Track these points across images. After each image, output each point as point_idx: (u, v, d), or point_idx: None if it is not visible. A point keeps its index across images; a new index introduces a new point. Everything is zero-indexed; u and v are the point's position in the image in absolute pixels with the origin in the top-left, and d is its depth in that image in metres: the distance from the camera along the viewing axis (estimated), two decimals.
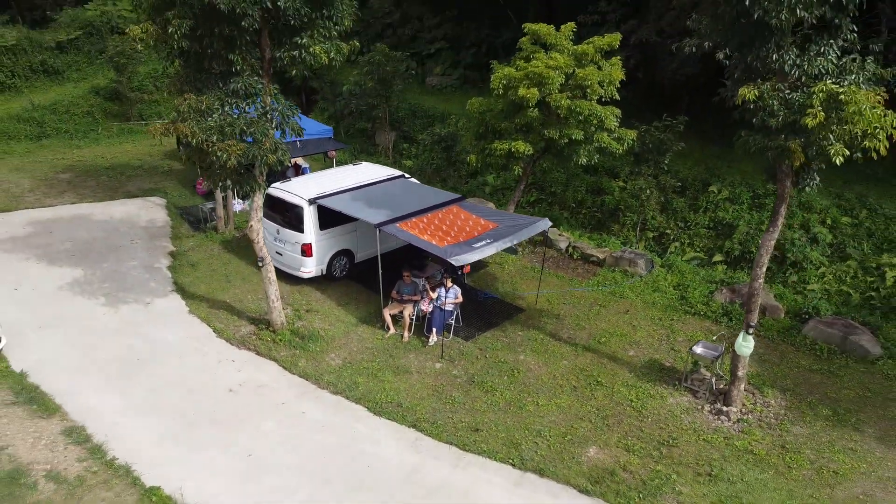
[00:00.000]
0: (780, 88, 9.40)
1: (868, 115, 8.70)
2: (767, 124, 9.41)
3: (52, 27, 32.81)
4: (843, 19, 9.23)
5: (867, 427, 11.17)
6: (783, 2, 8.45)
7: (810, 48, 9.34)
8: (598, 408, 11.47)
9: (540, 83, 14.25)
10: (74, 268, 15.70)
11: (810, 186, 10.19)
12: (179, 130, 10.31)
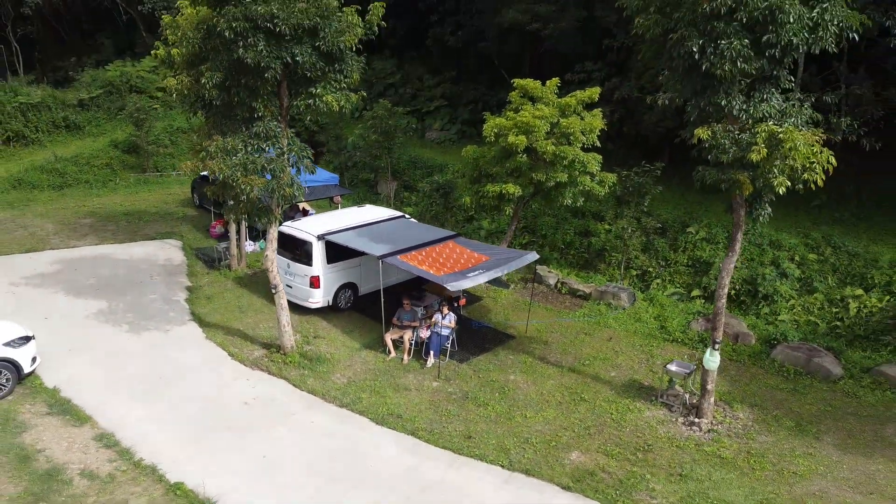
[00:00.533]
0: (731, 129, 10.89)
1: (803, 151, 10.15)
2: (720, 160, 10.87)
3: (74, 86, 35.02)
4: (781, 71, 10.81)
5: (826, 436, 12.24)
6: (725, 56, 10.00)
7: (755, 95, 10.89)
8: (580, 419, 12.55)
9: (527, 131, 15.84)
10: (99, 300, 16.96)
11: (762, 216, 11.58)
12: (209, 167, 11.75)
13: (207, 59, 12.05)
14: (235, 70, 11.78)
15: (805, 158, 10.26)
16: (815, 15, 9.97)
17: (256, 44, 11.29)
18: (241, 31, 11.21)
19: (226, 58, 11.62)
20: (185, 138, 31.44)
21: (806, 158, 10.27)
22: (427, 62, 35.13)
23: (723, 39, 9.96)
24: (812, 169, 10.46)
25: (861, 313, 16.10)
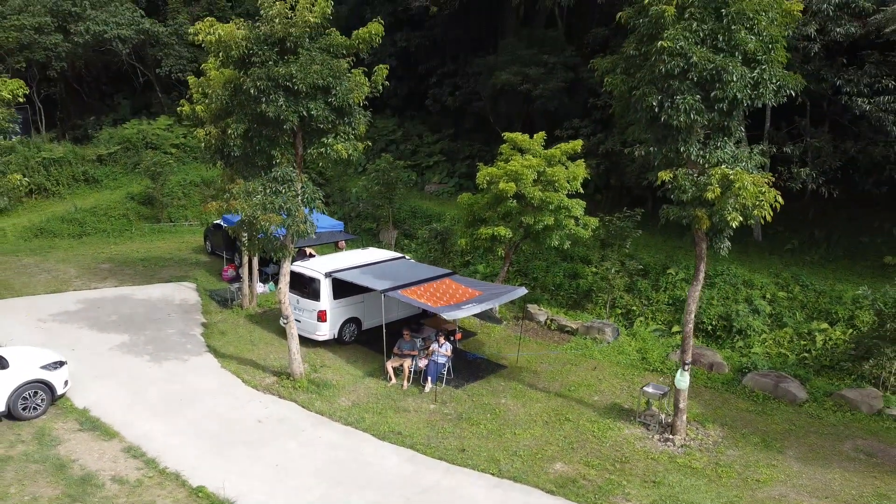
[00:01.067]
0: (690, 173, 12.50)
1: (751, 190, 11.72)
2: (681, 199, 12.43)
3: (93, 143, 37.06)
4: (732, 122, 12.50)
5: (789, 451, 13.43)
6: (680, 109, 11.69)
7: (710, 143, 12.54)
8: (565, 436, 13.74)
9: (516, 179, 17.50)
10: (121, 334, 18.29)
11: (722, 249, 13.07)
12: (232, 206, 13.32)
13: (233, 113, 13.77)
14: (257, 122, 13.50)
15: (753, 197, 11.81)
16: (755, 74, 11.70)
17: (277, 99, 13.03)
18: (264, 89, 12.97)
19: (250, 111, 13.35)
20: (197, 191, 33.31)
21: (754, 197, 11.82)
22: (426, 121, 37.28)
23: (678, 95, 11.66)
24: (761, 206, 11.99)
25: (827, 345, 17.41)
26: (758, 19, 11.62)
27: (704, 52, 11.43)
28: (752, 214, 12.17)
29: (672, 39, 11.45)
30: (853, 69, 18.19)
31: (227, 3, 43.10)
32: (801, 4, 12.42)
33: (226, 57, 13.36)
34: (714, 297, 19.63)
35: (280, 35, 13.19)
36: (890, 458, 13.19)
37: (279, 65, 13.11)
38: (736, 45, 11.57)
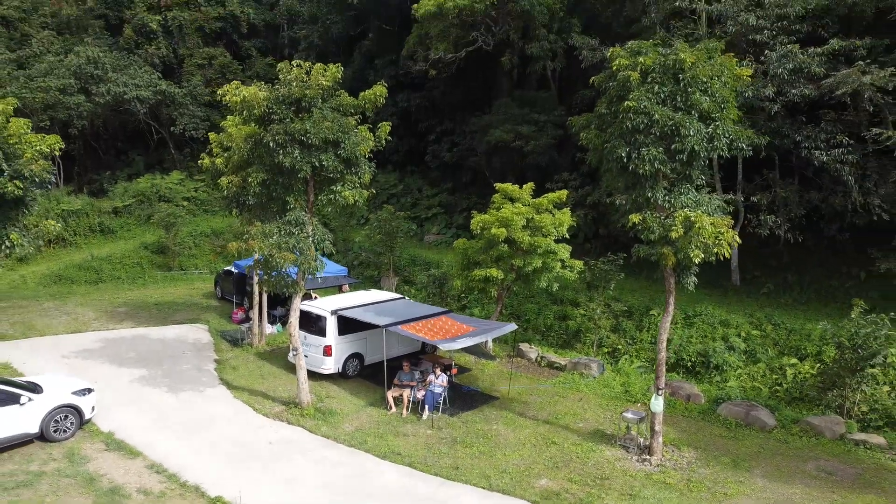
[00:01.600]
0: (657, 216, 14.13)
1: (709, 230, 13.32)
2: (650, 239, 14.03)
3: (108, 196, 39.04)
4: (693, 171, 14.20)
5: (756, 470, 14.63)
6: (645, 160, 13.40)
7: (674, 190, 14.22)
8: (550, 457, 14.97)
9: (507, 224, 19.17)
10: (140, 368, 19.64)
11: (689, 283, 14.59)
12: (250, 246, 14.90)
13: (253, 164, 15.50)
14: (275, 171, 15.23)
15: (712, 236, 13.41)
16: (710, 130, 13.48)
17: (293, 152, 14.77)
18: (282, 143, 14.74)
19: (268, 162, 15.09)
20: (207, 241, 35.05)
21: (713, 236, 13.42)
22: (426, 175, 39.33)
23: (643, 148, 13.39)
24: (719, 244, 13.58)
25: (797, 378, 18.72)
26: (711, 83, 13.46)
27: (665, 111, 13.23)
28: (712, 252, 13.73)
29: (637, 100, 13.27)
30: (811, 126, 20.10)
31: (239, 67, 45.89)
32: (749, 70, 14.33)
33: (248, 114, 15.19)
34: (693, 336, 21.04)
35: (297, 96, 15.04)
36: (848, 477, 14.40)
37: (295, 121, 14.91)
38: (692, 105, 13.38)
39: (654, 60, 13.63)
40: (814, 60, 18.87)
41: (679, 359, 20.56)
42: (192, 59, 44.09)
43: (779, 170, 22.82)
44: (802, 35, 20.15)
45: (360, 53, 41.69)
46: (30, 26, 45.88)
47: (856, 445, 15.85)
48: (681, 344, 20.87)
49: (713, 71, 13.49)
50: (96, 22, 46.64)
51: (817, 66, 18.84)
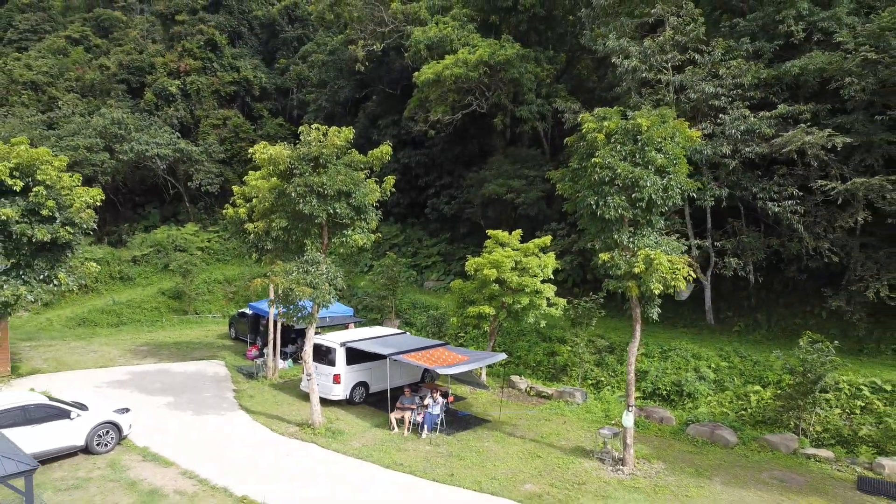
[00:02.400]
0: (624, 255, 16.53)
1: (666, 266, 15.69)
2: (617, 274, 16.38)
3: (127, 246, 41.55)
4: (653, 217, 16.66)
5: (716, 478, 16.61)
6: (611, 207, 15.87)
7: (637, 233, 16.65)
8: (535, 467, 16.95)
9: (497, 266, 21.55)
10: (166, 396, 21.69)
11: (652, 314, 16.86)
12: (273, 282, 17.24)
13: (276, 211, 18.00)
14: (295, 218, 17.71)
15: (669, 271, 15.78)
16: (664, 182, 16.00)
17: (311, 200, 17.27)
18: (302, 193, 17.26)
19: (290, 209, 17.58)
20: (220, 287, 37.36)
21: (670, 271, 15.80)
22: (426, 227, 41.94)
23: (608, 196, 15.89)
24: (676, 279, 15.94)
25: (759, 403, 20.77)
26: (664, 143, 16.07)
27: (626, 166, 15.78)
28: (670, 285, 16.08)
29: (602, 157, 15.85)
30: (766, 180, 22.70)
31: (251, 127, 49.10)
32: (699, 132, 16.99)
33: (274, 169, 17.76)
34: (668, 368, 23.15)
35: (315, 154, 17.64)
36: (797, 483, 16.37)
37: (313, 175, 17.46)
38: (649, 161, 15.94)
39: (616, 124, 16.29)
40: (763, 122, 21.60)
41: (655, 388, 22.62)
42: (208, 119, 47.32)
43: (745, 218, 25.34)
44: (756, 101, 22.95)
45: (365, 114, 44.91)
46: (56, 90, 49.39)
47: (807, 458, 17.85)
48: (657, 375, 22.95)
49: (666, 133, 16.11)
50: (119, 86, 50.14)
51: (767, 127, 21.55)
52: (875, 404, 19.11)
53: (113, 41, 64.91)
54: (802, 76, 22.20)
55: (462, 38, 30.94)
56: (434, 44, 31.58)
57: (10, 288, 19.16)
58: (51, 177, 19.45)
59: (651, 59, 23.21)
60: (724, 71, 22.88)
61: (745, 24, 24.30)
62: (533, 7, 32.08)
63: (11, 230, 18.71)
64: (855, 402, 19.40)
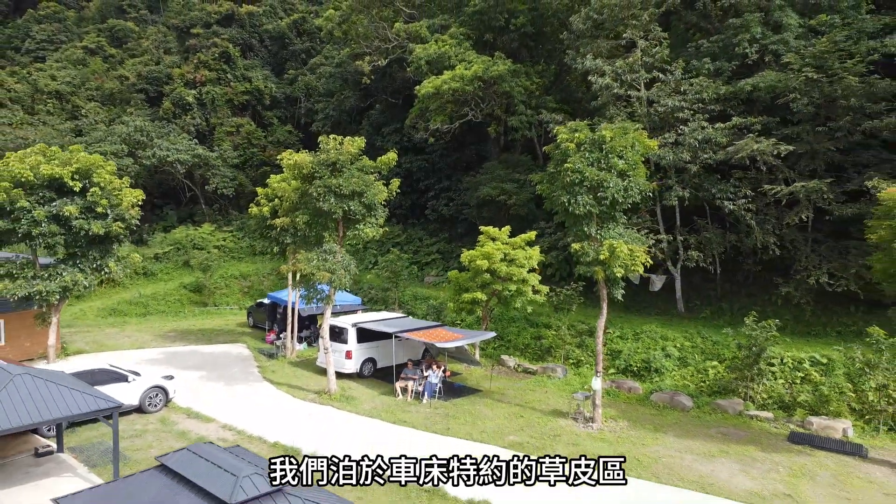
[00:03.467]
0: (592, 245, 19.71)
1: (625, 254, 18.87)
2: (586, 261, 19.56)
3: (148, 245, 44.73)
4: (617, 213, 19.84)
5: (670, 432, 19.75)
6: (580, 204, 19.06)
7: (604, 227, 19.83)
8: (518, 424, 20.11)
9: (489, 257, 24.73)
10: (198, 372, 24.87)
11: (617, 294, 20.03)
12: (297, 268, 20.41)
13: (299, 209, 21.20)
14: (316, 214, 20.92)
15: (628, 258, 18.97)
16: (625, 184, 19.19)
17: (329, 199, 20.47)
18: (322, 193, 20.45)
19: (311, 207, 20.79)
20: (237, 282, 40.51)
21: (629, 258, 18.98)
22: (426, 227, 45.12)
23: (578, 196, 19.08)
24: (635, 264, 19.12)
25: (716, 376, 23.91)
26: (625, 151, 19.27)
27: (592, 170, 18.98)
28: (630, 269, 19.28)
29: (573, 163, 19.04)
30: (724, 182, 25.91)
31: (262, 134, 52.33)
32: (656, 142, 20.17)
33: (298, 172, 20.96)
34: (639, 348, 26.30)
35: (333, 160, 20.85)
36: (737, 436, 19.53)
37: (331, 178, 20.67)
38: (612, 166, 19.14)
39: (585, 135, 19.51)
40: (718, 133, 24.81)
41: (627, 365, 25.77)
42: (223, 127, 50.57)
43: (709, 217, 28.54)
44: (716, 113, 26.17)
45: (369, 122, 48.15)
46: (79, 99, 52.67)
47: (750, 419, 21.01)
48: (629, 354, 26.11)
49: (626, 142, 19.31)
50: (137, 95, 53.43)
51: (721, 136, 24.76)
52: (813, 375, 22.26)
53: (126, 51, 68.29)
54: (755, 92, 25.41)
55: (459, 55, 34.19)
56: (433, 60, 34.82)
57: (69, 275, 22.33)
58: (104, 179, 22.65)
59: (622, 77, 26.45)
60: (688, 87, 26.11)
61: (709, 45, 27.56)
62: (523, 26, 35.36)
63: (72, 224, 21.90)
64: (796, 373, 22.55)
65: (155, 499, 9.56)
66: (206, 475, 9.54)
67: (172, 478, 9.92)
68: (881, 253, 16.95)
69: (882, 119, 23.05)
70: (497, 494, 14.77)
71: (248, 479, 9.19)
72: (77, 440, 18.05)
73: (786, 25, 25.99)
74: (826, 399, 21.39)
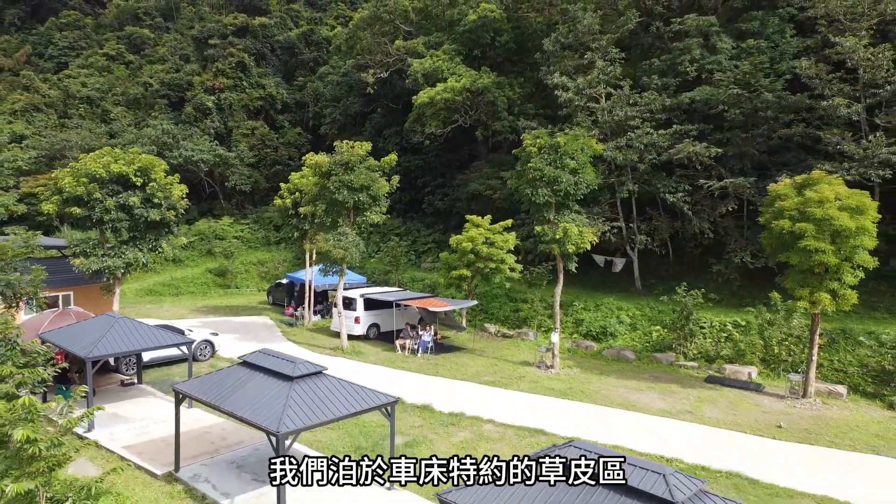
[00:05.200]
0: (550, 227, 24.99)
1: (575, 233, 24.16)
2: (545, 240, 24.85)
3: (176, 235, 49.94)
4: (570, 202, 25.13)
5: (612, 375, 25.05)
6: (540, 195, 24.34)
7: (559, 213, 25.13)
8: (493, 370, 25.42)
9: (472, 241, 30.02)
10: (233, 334, 30.19)
11: (571, 267, 25.32)
12: (316, 246, 25.68)
13: (319, 199, 26.49)
14: (332, 203, 26.22)
15: (578, 237, 24.26)
16: (575, 179, 24.48)
17: (343, 191, 25.75)
18: (337, 186, 25.74)
19: (328, 198, 26.08)
20: (255, 268, 45.80)
21: (578, 237, 24.28)
22: (423, 220, 50.35)
23: (539, 189, 24.35)
24: (584, 242, 24.43)
25: (658, 337, 29.21)
26: (576, 153, 24.55)
27: (550, 168, 24.27)
28: (580, 246, 24.58)
29: (535, 163, 24.32)
30: (668, 178, 31.20)
31: (274, 136, 57.59)
32: (601, 145, 25.48)
33: (318, 170, 26.24)
34: (598, 317, 31.59)
35: (345, 160, 26.13)
36: (665, 379, 24.82)
37: (344, 174, 25.94)
38: (565, 165, 24.42)
39: (544, 141, 24.82)
40: (661, 137, 30.11)
41: (588, 330, 31.07)
42: (239, 129, 55.85)
43: (661, 208, 33.85)
44: (662, 121, 31.45)
45: (372, 125, 53.39)
46: (107, 104, 57.92)
47: (679, 367, 26.32)
48: (590, 321, 31.43)
49: (577, 146, 24.61)
50: (161, 100, 58.68)
51: (663, 140, 30.06)
52: (734, 334, 27.55)
53: (144, 57, 73.52)
54: (694, 103, 30.71)
55: (450, 68, 39.46)
56: (429, 73, 40.09)
57: (132, 253, 27.58)
58: (159, 176, 27.90)
59: (584, 92, 31.77)
60: (638, 99, 31.42)
61: (659, 63, 32.86)
62: (507, 43, 40.62)
63: (135, 212, 27.15)
64: (721, 333, 27.85)
65: (239, 379, 14.88)
66: (273, 364, 14.84)
67: (250, 368, 15.23)
68: (766, 231, 22.16)
69: (791, 127, 28.35)
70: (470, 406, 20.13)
71: (302, 365, 14.50)
72: (148, 378, 23.37)
73: (720, 48, 31.28)
74: (742, 352, 26.70)
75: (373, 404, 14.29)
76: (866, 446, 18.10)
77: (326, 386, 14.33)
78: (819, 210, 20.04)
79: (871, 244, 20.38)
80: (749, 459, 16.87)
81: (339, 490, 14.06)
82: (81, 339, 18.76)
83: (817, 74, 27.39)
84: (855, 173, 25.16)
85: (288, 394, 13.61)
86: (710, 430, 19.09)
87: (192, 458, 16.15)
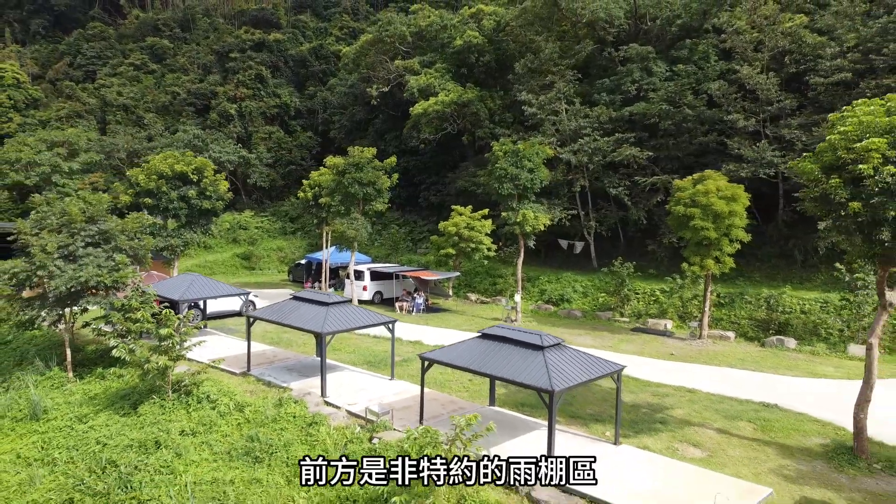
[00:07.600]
0: (512, 213, 32.72)
1: (531, 217, 31.93)
2: (510, 223, 32.60)
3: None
4: (528, 194, 32.89)
5: (561, 326, 32.79)
6: (504, 188, 32.07)
7: (521, 202, 32.87)
8: (470, 324, 33.15)
9: (456, 226, 37.75)
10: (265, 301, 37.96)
11: (530, 243, 33.07)
12: (335, 227, 33.43)
13: (335, 192, 34.25)
14: (346, 195, 33.99)
15: (533, 220, 32.03)
16: (532, 176, 32.23)
17: (355, 186, 33.50)
18: (350, 182, 33.49)
19: (343, 191, 33.84)
20: (275, 254, 53.62)
21: (534, 220, 32.04)
22: (420, 213, 58.10)
23: (504, 183, 32.08)
24: (538, 225, 32.20)
25: (603, 302, 36.93)
26: (532, 156, 32.28)
27: (512, 168, 32.00)
28: (536, 228, 32.35)
29: (501, 164, 32.07)
30: (613, 175, 38.92)
31: (288, 138, 65.34)
32: (553, 150, 33.27)
33: (335, 168, 33.98)
34: (558, 287, 39.35)
35: (357, 161, 33.86)
36: (600, 328, 32.53)
37: (356, 172, 33.66)
38: (524, 165, 32.16)
39: (509, 147, 32.55)
40: (604, 143, 37.82)
41: (549, 297, 38.83)
42: (258, 134, 63.58)
43: (612, 200, 41.59)
44: (609, 130, 39.18)
45: (375, 130, 61.08)
46: (140, 110, 65.66)
47: (614, 322, 34.08)
48: (551, 291, 39.18)
49: (533, 151, 32.33)
50: (188, 108, 66.40)
51: (607, 146, 37.79)
52: (660, 298, 35.33)
53: (165, 66, 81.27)
54: (633, 116, 38.48)
55: (441, 85, 47.20)
56: (423, 88, 47.83)
57: (188, 234, 35.32)
58: (210, 174, 35.64)
59: (546, 106, 39.54)
60: (590, 112, 39.19)
61: (609, 83, 40.63)
62: (489, 63, 48.35)
63: (192, 202, 34.88)
64: (651, 297, 35.64)
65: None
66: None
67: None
68: (671, 214, 29.86)
69: (708, 136, 36.11)
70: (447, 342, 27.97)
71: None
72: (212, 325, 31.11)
73: (655, 72, 39.05)
74: (665, 311, 34.50)
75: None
76: (725, 364, 25.88)
77: (352, 310, 22.11)
78: (704, 198, 27.78)
79: (742, 223, 28.12)
80: (641, 369, 24.61)
81: (359, 381, 21.87)
82: (172, 289, 26.52)
83: (724, 95, 35.18)
84: (748, 172, 32.93)
85: (325, 314, 21.33)
86: (620, 356, 26.78)
87: (256, 366, 23.87)
